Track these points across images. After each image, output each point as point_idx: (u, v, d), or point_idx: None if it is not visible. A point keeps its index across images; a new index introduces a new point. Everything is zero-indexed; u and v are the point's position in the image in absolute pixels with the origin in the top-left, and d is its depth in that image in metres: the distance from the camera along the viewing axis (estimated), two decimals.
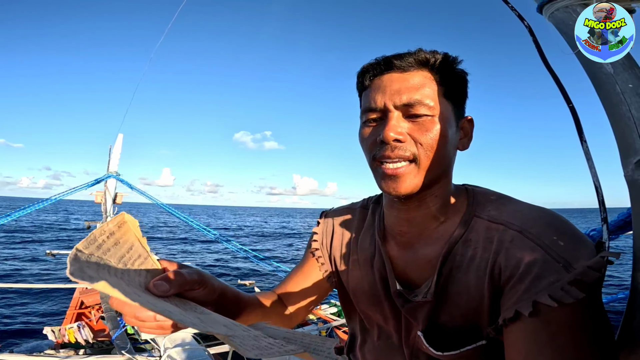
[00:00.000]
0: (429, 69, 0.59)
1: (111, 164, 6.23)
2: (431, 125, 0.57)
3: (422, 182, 0.58)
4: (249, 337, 0.42)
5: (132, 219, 0.49)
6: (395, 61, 0.58)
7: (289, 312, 0.80)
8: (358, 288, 0.73)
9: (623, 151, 0.48)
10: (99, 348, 4.04)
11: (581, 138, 0.52)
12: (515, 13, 0.60)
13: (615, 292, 2.13)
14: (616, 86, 0.48)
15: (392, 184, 0.58)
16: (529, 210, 0.56)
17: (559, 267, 0.47)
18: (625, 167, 0.48)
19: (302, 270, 0.82)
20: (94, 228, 2.50)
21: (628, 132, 0.47)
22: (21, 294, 8.31)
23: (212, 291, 0.54)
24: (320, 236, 0.82)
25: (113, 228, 0.45)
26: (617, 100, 0.48)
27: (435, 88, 0.58)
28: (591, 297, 0.46)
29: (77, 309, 5.24)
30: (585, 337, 0.45)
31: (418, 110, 0.57)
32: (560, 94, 0.53)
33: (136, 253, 0.47)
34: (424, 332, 0.61)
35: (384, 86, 0.59)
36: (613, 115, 0.49)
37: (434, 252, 0.61)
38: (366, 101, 0.61)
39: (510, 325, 0.49)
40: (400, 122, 0.57)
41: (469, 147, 0.64)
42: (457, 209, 0.63)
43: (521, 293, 0.49)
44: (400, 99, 0.57)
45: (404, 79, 0.58)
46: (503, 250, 0.53)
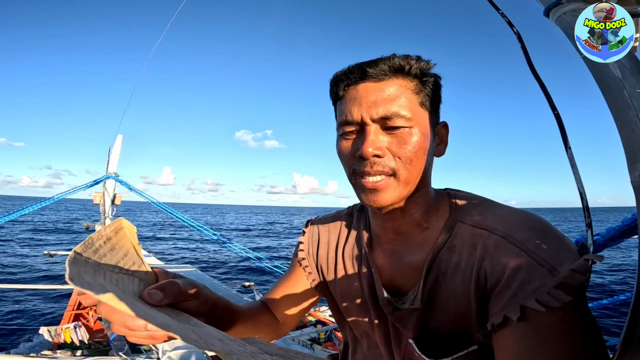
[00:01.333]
0: (404, 76, 0.58)
1: (110, 165, 6.22)
2: (409, 137, 0.56)
3: (403, 194, 0.58)
4: (245, 353, 0.41)
5: (130, 225, 0.49)
6: (369, 69, 0.57)
7: (278, 321, 0.80)
8: (346, 296, 0.73)
9: (630, 157, 0.48)
10: (96, 349, 4.02)
11: (566, 145, 0.52)
12: (505, 20, 0.60)
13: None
14: (624, 91, 0.47)
15: (372, 197, 0.57)
16: (512, 215, 0.56)
17: (544, 271, 0.47)
18: (632, 172, 0.48)
19: (290, 280, 0.81)
20: (92, 229, 2.52)
21: (635, 137, 0.46)
22: (19, 294, 8.28)
23: (204, 302, 0.53)
24: (307, 245, 0.82)
25: (110, 233, 0.45)
26: (625, 105, 0.47)
27: (411, 97, 0.57)
28: (578, 300, 0.46)
29: (74, 309, 5.22)
30: (574, 339, 0.45)
31: (395, 122, 0.56)
32: (546, 100, 0.54)
33: (131, 260, 0.46)
34: (415, 339, 0.61)
35: (359, 97, 0.57)
36: (620, 120, 0.48)
37: (420, 259, 0.61)
38: (342, 113, 0.60)
39: (499, 331, 0.50)
40: (379, 136, 0.56)
41: (445, 153, 0.64)
42: (440, 214, 0.63)
43: (508, 298, 0.49)
44: (377, 112, 0.56)
45: (379, 89, 0.57)
46: (488, 256, 0.53)
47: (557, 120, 0.53)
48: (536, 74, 0.55)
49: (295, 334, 4.08)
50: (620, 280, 10.00)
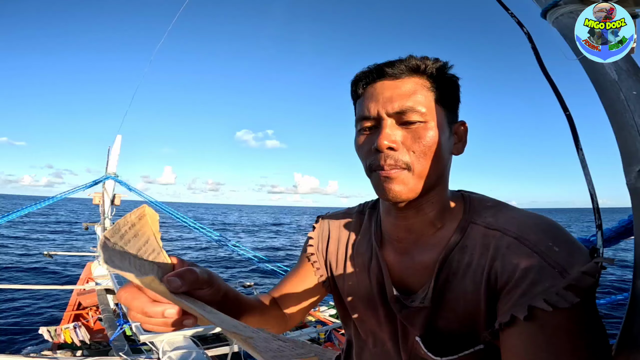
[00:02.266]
0: (420, 75, 0.60)
1: (109, 166, 6.22)
2: (424, 132, 0.57)
3: (418, 187, 0.58)
4: (260, 339, 0.42)
5: (153, 213, 0.50)
6: (387, 69, 0.60)
7: (285, 315, 0.80)
8: (354, 293, 0.73)
9: (626, 159, 0.48)
10: (97, 349, 4.02)
11: (577, 146, 0.52)
12: (515, 20, 0.60)
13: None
14: (620, 93, 0.47)
15: (388, 188, 0.58)
16: (525, 217, 0.56)
17: (554, 272, 0.48)
18: (628, 174, 0.48)
19: (298, 275, 0.82)
20: (92, 230, 2.51)
21: (631, 140, 0.47)
22: (17, 294, 8.28)
23: (218, 291, 0.54)
24: (316, 241, 0.82)
25: (134, 220, 0.46)
26: (621, 107, 0.47)
27: (427, 94, 0.59)
28: (586, 302, 0.47)
29: (74, 310, 5.22)
30: (580, 341, 0.46)
31: (410, 117, 0.57)
32: (557, 101, 0.53)
33: (151, 247, 0.47)
34: (422, 337, 0.61)
35: (376, 94, 0.60)
36: (616, 122, 0.48)
37: (431, 258, 0.62)
38: (360, 110, 0.62)
39: (506, 330, 0.50)
40: (394, 130, 0.58)
41: (463, 152, 0.65)
42: (454, 215, 0.63)
43: (517, 298, 0.49)
44: (393, 107, 0.58)
45: (395, 86, 0.59)
46: (499, 256, 0.54)
47: (569, 121, 0.53)
48: (547, 74, 0.54)
49: (295, 334, 4.08)
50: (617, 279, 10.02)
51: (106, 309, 4.04)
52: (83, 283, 5.65)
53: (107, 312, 3.94)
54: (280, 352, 0.40)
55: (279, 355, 0.39)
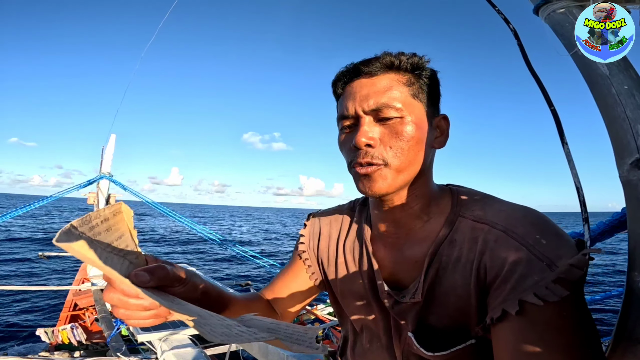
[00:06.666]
0: (395, 71, 0.60)
1: (104, 165, 6.18)
2: (401, 127, 0.58)
3: (397, 182, 0.59)
4: (220, 325, 0.43)
5: (128, 210, 0.50)
6: (363, 67, 0.61)
7: (276, 313, 0.80)
8: (346, 290, 0.74)
9: (618, 152, 0.49)
10: (94, 350, 4.00)
11: (562, 140, 0.53)
12: (502, 16, 0.60)
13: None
14: (612, 88, 0.48)
15: (366, 185, 0.59)
16: (513, 210, 0.57)
17: (543, 266, 0.48)
18: (620, 167, 0.49)
19: (290, 273, 0.82)
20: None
21: (623, 133, 0.47)
22: (14, 295, 8.22)
23: (193, 289, 0.54)
24: (307, 238, 0.82)
25: (108, 214, 0.45)
26: (613, 101, 0.48)
27: (402, 89, 0.59)
28: (575, 294, 0.47)
29: (70, 310, 5.19)
30: (571, 333, 0.46)
31: (387, 113, 0.58)
32: (542, 96, 0.54)
33: (124, 243, 0.47)
34: (414, 333, 0.62)
35: (354, 92, 0.61)
36: (608, 116, 0.49)
37: (421, 253, 0.62)
38: (340, 109, 0.63)
39: (498, 324, 0.50)
40: (372, 127, 0.59)
41: (445, 145, 0.65)
42: (442, 209, 0.64)
43: (507, 292, 0.50)
44: (369, 104, 0.59)
45: (371, 83, 0.60)
46: (488, 250, 0.54)
47: (554, 116, 0.54)
48: (532, 70, 0.55)
49: None
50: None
51: (103, 309, 4.01)
52: (79, 284, 5.62)
53: (104, 313, 3.92)
54: (238, 336, 0.42)
55: (233, 339, 0.41)
